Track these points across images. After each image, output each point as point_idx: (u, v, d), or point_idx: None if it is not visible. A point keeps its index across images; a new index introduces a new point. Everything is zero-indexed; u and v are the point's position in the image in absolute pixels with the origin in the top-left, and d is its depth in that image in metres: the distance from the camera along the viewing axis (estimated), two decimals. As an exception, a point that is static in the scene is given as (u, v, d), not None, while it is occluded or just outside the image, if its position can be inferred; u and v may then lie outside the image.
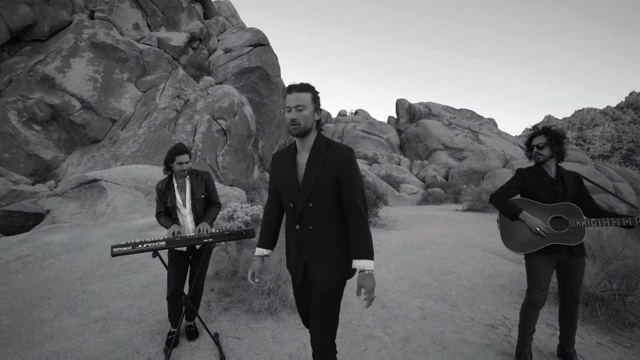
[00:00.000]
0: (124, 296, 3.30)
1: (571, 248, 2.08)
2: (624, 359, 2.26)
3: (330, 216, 1.56)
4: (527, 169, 2.24)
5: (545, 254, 2.10)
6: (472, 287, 3.65)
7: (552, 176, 2.17)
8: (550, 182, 2.14)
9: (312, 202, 1.54)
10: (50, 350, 2.46)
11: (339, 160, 1.54)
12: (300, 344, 2.43)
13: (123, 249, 2.03)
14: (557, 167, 2.20)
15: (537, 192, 2.15)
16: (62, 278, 3.58)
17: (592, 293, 2.92)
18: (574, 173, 2.23)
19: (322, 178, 1.52)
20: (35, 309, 3.01)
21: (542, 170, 2.18)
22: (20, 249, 4.06)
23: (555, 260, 2.11)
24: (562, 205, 2.09)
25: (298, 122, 1.56)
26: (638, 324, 2.69)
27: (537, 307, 2.09)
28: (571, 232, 2.05)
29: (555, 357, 2.24)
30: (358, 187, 1.54)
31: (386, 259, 4.73)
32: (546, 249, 2.08)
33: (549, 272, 2.11)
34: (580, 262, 2.11)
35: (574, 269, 2.11)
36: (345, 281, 1.59)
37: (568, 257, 2.10)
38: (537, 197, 2.16)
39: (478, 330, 2.65)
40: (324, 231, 1.56)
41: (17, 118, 14.47)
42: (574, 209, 2.07)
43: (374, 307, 3.05)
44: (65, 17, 18.65)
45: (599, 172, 20.65)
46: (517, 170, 2.28)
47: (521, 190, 2.24)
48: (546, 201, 2.13)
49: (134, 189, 6.69)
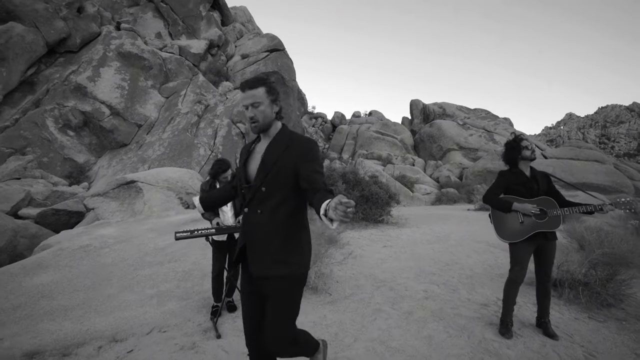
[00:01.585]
0: (171, 279, 3.90)
1: (547, 234, 2.52)
2: (593, 330, 2.66)
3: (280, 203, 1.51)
4: (507, 171, 2.69)
5: (527, 241, 2.52)
6: (473, 276, 4.08)
7: (527, 175, 2.61)
8: (527, 181, 2.58)
9: (265, 187, 1.51)
10: (120, 316, 3.07)
11: (300, 149, 1.52)
12: (321, 316, 2.94)
13: (184, 234, 2.61)
14: (531, 168, 2.64)
15: (517, 189, 2.59)
16: (118, 264, 4.23)
17: (577, 279, 3.31)
18: (544, 172, 2.68)
19: (281, 162, 1.50)
20: (102, 287, 3.65)
21: (520, 171, 2.62)
22: (81, 240, 4.75)
23: (535, 245, 2.54)
24: (540, 199, 2.53)
25: (256, 119, 1.55)
26: (615, 304, 3.06)
27: (517, 283, 2.53)
28: (550, 221, 2.48)
29: (534, 326, 2.67)
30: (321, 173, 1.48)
31: (396, 251, 5.18)
32: (529, 237, 2.51)
33: (529, 255, 2.54)
34: (553, 245, 2.54)
35: (548, 251, 2.53)
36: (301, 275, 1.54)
37: (544, 241, 2.53)
38: (517, 193, 2.60)
39: (472, 307, 3.10)
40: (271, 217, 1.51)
41: (54, 125, 15.62)
42: (550, 201, 2.51)
43: (384, 289, 3.54)
44: (95, 29, 19.85)
45: (617, 172, 20.28)
46: (499, 172, 2.73)
47: (506, 188, 2.69)
48: (525, 196, 2.57)
49: (166, 189, 7.37)
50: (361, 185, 8.58)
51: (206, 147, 15.71)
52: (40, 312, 3.15)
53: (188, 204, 7.41)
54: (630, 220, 9.74)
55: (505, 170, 2.69)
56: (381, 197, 8.34)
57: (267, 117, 1.58)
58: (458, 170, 24.14)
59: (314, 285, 3.46)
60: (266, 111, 1.57)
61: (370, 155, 27.61)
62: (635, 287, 3.51)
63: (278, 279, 1.49)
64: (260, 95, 1.56)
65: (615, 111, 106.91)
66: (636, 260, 4.43)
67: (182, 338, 2.66)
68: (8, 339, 2.74)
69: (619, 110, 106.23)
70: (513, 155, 2.65)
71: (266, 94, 1.58)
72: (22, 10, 17.81)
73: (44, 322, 2.99)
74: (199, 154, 15.28)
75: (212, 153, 15.72)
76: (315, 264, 3.69)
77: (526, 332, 2.58)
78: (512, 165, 2.65)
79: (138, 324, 2.95)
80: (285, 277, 1.50)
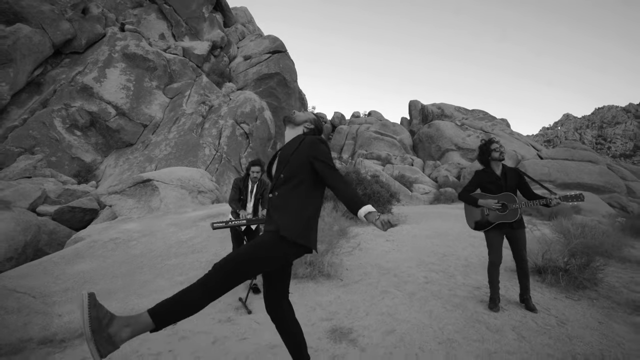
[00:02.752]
0: (196, 268, 4.33)
1: (512, 224, 2.97)
2: (568, 306, 3.11)
3: (292, 186, 1.80)
4: (481, 171, 3.14)
5: (496, 230, 3.00)
6: (468, 265, 4.53)
7: (498, 174, 3.06)
8: (497, 179, 3.03)
9: (287, 170, 1.83)
10: (157, 298, 3.50)
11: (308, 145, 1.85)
12: (335, 296, 3.38)
13: (220, 224, 3.04)
14: (503, 166, 3.08)
15: (488, 187, 3.05)
16: (146, 255, 4.65)
17: (558, 265, 3.77)
18: (515, 169, 3.12)
19: (295, 155, 1.84)
20: (137, 274, 4.07)
21: (491, 171, 3.07)
22: (109, 233, 5.16)
23: (502, 233, 3.01)
24: (503, 195, 2.98)
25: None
26: (590, 287, 3.52)
27: (496, 265, 3.00)
28: (509, 213, 2.94)
29: (518, 303, 3.13)
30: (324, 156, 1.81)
31: (398, 245, 5.63)
32: (495, 226, 2.99)
33: (500, 241, 3.02)
34: (521, 232, 3.00)
35: (517, 238, 2.99)
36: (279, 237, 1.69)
37: (511, 230, 2.99)
38: (488, 190, 3.05)
39: (466, 290, 3.55)
40: (280, 195, 1.81)
41: (62, 125, 15.98)
42: (510, 196, 2.96)
43: (388, 276, 3.98)
44: (100, 31, 20.20)
45: (610, 172, 20.84)
46: (475, 172, 3.20)
47: (479, 186, 3.15)
48: (494, 192, 3.02)
49: (180, 187, 7.80)
50: (363, 184, 9.02)
51: (211, 147, 16.12)
52: (87, 294, 3.58)
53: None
54: (618, 218, 10.25)
55: (480, 170, 3.15)
56: (383, 195, 8.79)
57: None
58: (456, 170, 24.63)
59: (327, 272, 3.90)
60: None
61: (370, 155, 28.07)
62: (609, 273, 3.99)
63: (265, 232, 1.75)
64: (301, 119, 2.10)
65: (611, 112, 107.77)
66: (615, 251, 4.92)
67: (217, 314, 3.10)
68: (66, 315, 3.17)
69: (615, 111, 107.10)
70: (484, 157, 3.11)
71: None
72: (29, 12, 18.14)
73: (93, 302, 3.42)
74: (205, 154, 15.68)
75: (217, 153, 16.13)
76: (327, 255, 4.14)
77: (511, 307, 3.04)
78: (485, 165, 3.11)
79: (175, 304, 3.39)
80: (269, 232, 1.73)
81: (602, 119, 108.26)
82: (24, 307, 3.28)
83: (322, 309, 3.07)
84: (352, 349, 2.35)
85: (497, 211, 2.96)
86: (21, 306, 3.28)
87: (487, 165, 3.11)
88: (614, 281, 3.84)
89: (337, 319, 2.84)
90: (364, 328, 2.66)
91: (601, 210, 17.12)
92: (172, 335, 2.73)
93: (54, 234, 8.35)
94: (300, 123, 2.07)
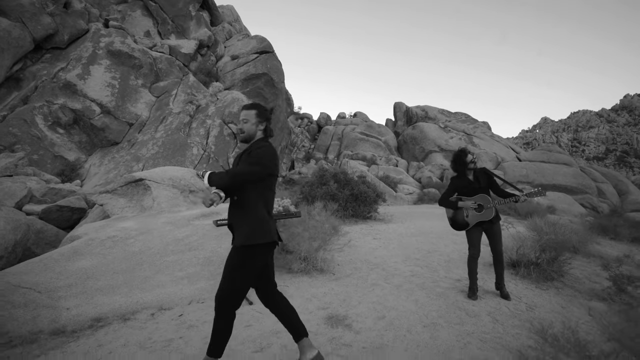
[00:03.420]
0: (195, 264, 4.51)
1: (490, 220, 3.33)
2: (537, 294, 3.50)
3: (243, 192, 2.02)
4: (455, 177, 3.49)
5: (475, 227, 3.36)
6: (450, 260, 4.89)
7: (470, 179, 3.41)
8: (470, 183, 3.38)
9: None
10: (160, 292, 3.68)
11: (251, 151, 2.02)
12: (329, 288, 3.65)
13: (223, 221, 3.25)
14: (474, 171, 3.43)
15: (464, 191, 3.41)
16: (145, 252, 4.79)
17: (530, 259, 4.17)
18: (483, 169, 3.47)
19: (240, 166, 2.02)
20: (137, 271, 4.22)
21: (464, 176, 3.42)
22: (106, 231, 5.26)
23: (481, 229, 3.37)
24: (478, 197, 3.34)
25: (243, 131, 2.11)
26: (557, 278, 3.93)
27: (475, 258, 3.35)
28: (486, 212, 3.30)
29: (494, 293, 3.49)
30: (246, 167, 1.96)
31: (385, 242, 5.96)
32: (475, 224, 3.34)
33: (479, 237, 3.37)
34: (497, 227, 3.37)
35: (494, 232, 3.35)
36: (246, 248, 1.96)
37: (489, 225, 3.35)
38: (463, 194, 3.41)
39: (448, 282, 3.89)
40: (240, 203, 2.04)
41: (44, 122, 15.63)
42: (485, 197, 3.32)
43: (377, 270, 4.28)
44: (83, 26, 19.79)
45: (583, 174, 22.00)
46: (450, 178, 3.54)
47: (456, 191, 3.49)
48: (469, 195, 3.38)
49: (172, 187, 7.90)
50: (351, 185, 9.33)
51: (199, 147, 16.11)
52: (91, 289, 3.72)
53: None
54: (587, 217, 10.97)
55: (454, 177, 3.50)
56: (369, 195, 9.12)
57: (251, 132, 2.11)
58: (439, 171, 25.36)
59: (320, 267, 4.17)
60: (251, 127, 2.10)
61: (355, 156, 28.50)
62: (576, 266, 4.43)
63: (234, 248, 2.03)
64: (250, 115, 2.11)
65: (585, 116, 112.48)
66: (581, 247, 5.40)
67: (220, 306, 3.32)
68: (73, 308, 3.32)
69: (589, 116, 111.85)
70: (460, 167, 3.43)
71: (255, 115, 2.11)
72: (7, 5, 17.60)
73: (98, 297, 3.58)
74: (192, 154, 15.67)
75: (205, 152, 16.14)
76: (320, 251, 4.41)
77: (488, 296, 3.39)
78: (458, 172, 3.45)
79: (178, 297, 3.59)
80: (237, 248, 2.00)
81: (577, 123, 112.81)
82: (30, 301, 3.40)
83: (318, 299, 3.34)
84: (347, 332, 2.63)
85: (475, 211, 3.31)
86: (27, 301, 3.40)
87: (461, 173, 3.43)
88: (578, 273, 4.28)
89: (332, 308, 3.12)
90: (357, 315, 2.94)
91: (574, 210, 18.09)
92: (180, 324, 2.94)
93: (41, 233, 8.29)
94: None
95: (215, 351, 2.04)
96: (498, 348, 2.40)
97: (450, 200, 3.43)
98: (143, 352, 2.49)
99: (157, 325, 2.97)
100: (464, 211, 3.39)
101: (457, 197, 3.42)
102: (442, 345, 2.40)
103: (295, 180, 21.45)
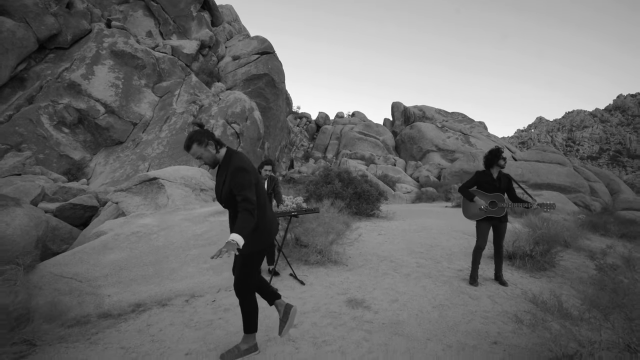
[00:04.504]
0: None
1: (500, 217, 3.72)
2: (531, 282, 3.90)
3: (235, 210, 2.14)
4: (482, 172, 3.85)
5: (485, 221, 3.72)
6: (452, 254, 5.29)
7: (494, 177, 3.78)
8: (493, 181, 3.76)
9: (224, 203, 2.21)
10: (190, 282, 4.04)
11: (230, 177, 2.08)
12: (345, 277, 4.03)
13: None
14: (499, 171, 3.80)
15: (485, 186, 3.78)
16: (168, 246, 5.13)
17: (525, 252, 4.58)
18: (507, 175, 3.86)
19: (225, 189, 2.12)
20: (165, 263, 4.57)
21: (489, 173, 3.79)
22: (129, 227, 5.59)
23: (490, 224, 3.74)
24: (495, 195, 3.72)
25: (207, 163, 2.18)
26: (549, 268, 4.34)
27: (481, 249, 3.73)
28: (498, 210, 3.68)
29: (493, 280, 3.89)
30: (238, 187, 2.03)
31: (390, 238, 6.35)
32: (485, 218, 3.71)
33: (487, 230, 3.74)
34: (504, 225, 3.75)
35: (500, 229, 3.74)
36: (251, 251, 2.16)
37: (498, 222, 3.73)
38: (484, 188, 3.78)
39: (451, 272, 4.28)
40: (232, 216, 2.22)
41: (49, 122, 15.84)
42: (501, 197, 3.70)
43: (386, 262, 4.67)
44: (85, 26, 19.97)
45: (576, 174, 22.55)
46: (476, 172, 3.90)
47: (476, 184, 3.86)
48: (489, 191, 3.75)
49: (184, 185, 8.24)
50: (354, 184, 9.72)
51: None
52: (126, 279, 4.07)
53: None
54: (579, 215, 11.44)
55: (480, 171, 3.85)
56: (372, 194, 9.51)
57: (210, 159, 2.15)
58: (437, 170, 25.82)
59: (334, 259, 4.56)
60: (207, 155, 2.13)
61: (354, 155, 28.91)
62: (566, 259, 4.84)
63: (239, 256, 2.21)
64: (196, 150, 2.12)
65: (580, 116, 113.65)
66: (572, 242, 5.82)
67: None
68: (114, 295, 3.67)
69: (583, 116, 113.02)
70: (492, 161, 3.77)
71: (198, 146, 2.10)
72: (11, 5, 17.78)
73: (134, 286, 3.93)
74: (196, 153, 15.96)
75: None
76: (334, 245, 4.79)
77: (487, 283, 3.79)
78: (488, 167, 3.80)
79: (207, 286, 3.95)
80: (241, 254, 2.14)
81: (572, 123, 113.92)
82: (74, 289, 3.75)
83: (336, 287, 3.72)
84: (367, 312, 3.01)
85: (490, 207, 3.64)
86: (71, 289, 3.75)
87: (489, 168, 3.77)
88: (568, 264, 4.69)
89: (350, 293, 3.49)
90: (374, 299, 3.32)
91: (568, 209, 18.61)
92: (216, 308, 3.30)
93: (56, 230, 8.58)
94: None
95: (250, 328, 2.41)
96: (497, 321, 2.80)
97: (470, 191, 3.76)
98: (190, 330, 2.85)
99: (194, 309, 3.33)
100: (478, 204, 3.72)
101: (476, 190, 3.76)
102: (450, 321, 2.79)
103: (296, 179, 21.81)
